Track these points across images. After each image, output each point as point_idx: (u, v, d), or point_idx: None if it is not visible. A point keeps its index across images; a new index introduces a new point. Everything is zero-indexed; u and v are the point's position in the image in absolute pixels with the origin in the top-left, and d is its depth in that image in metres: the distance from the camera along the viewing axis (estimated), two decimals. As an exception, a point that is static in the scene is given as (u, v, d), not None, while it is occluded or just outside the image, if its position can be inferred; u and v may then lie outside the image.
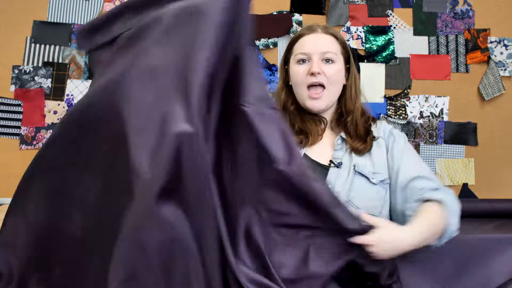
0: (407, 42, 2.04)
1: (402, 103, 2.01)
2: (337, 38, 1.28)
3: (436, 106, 2.01)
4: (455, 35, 2.04)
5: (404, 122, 2.00)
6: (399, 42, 2.03)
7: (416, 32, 2.04)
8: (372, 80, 2.00)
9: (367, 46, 2.02)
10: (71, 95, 1.95)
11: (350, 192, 1.13)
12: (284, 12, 2.02)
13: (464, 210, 1.07)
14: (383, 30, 2.03)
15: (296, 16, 2.02)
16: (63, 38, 1.96)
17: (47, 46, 1.95)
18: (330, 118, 1.28)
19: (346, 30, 2.02)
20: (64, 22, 1.97)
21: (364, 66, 2.01)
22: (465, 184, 1.98)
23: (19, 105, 1.93)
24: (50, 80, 1.94)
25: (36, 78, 1.94)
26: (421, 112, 2.01)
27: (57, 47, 1.96)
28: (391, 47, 2.03)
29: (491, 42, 2.02)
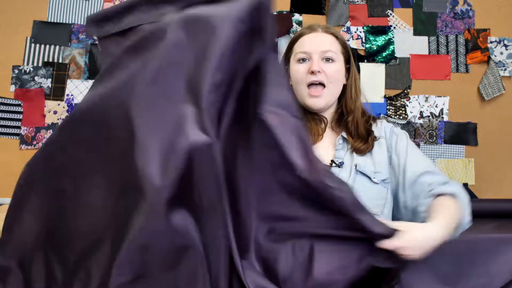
0: (407, 42, 2.04)
1: (402, 103, 2.01)
2: (337, 37, 1.28)
3: (436, 106, 2.01)
4: (455, 35, 2.04)
5: (404, 122, 2.00)
6: (399, 42, 2.03)
7: (416, 32, 2.04)
8: (372, 80, 2.00)
9: (367, 46, 2.02)
10: (71, 95, 1.95)
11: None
12: (284, 12, 2.02)
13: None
14: (383, 30, 2.03)
15: (296, 16, 2.02)
16: (63, 38, 1.96)
17: (47, 46, 1.95)
18: (330, 118, 1.28)
19: (346, 30, 2.02)
20: (64, 22, 1.97)
21: (364, 66, 2.01)
22: (465, 184, 1.98)
23: (19, 105, 1.93)
24: (50, 80, 1.94)
25: (36, 78, 1.94)
26: (421, 112, 2.01)
27: (57, 47, 1.96)
28: (391, 47, 2.03)
29: (491, 42, 2.02)
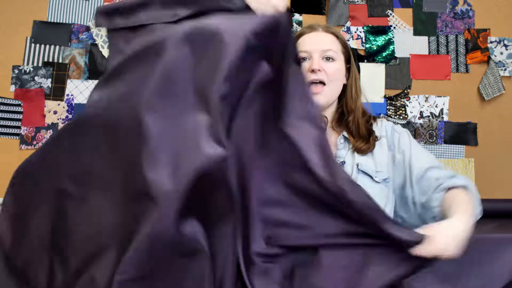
0: (407, 42, 2.04)
1: (402, 103, 2.01)
2: (338, 37, 1.28)
3: (436, 106, 2.01)
4: (455, 35, 2.04)
5: (404, 122, 2.00)
6: (399, 42, 2.03)
7: (416, 32, 2.04)
8: (372, 80, 2.00)
9: (367, 46, 2.02)
10: (71, 95, 1.95)
11: None
12: (284, 12, 2.02)
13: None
14: (383, 30, 2.03)
15: (296, 16, 2.01)
16: (63, 38, 1.96)
17: (47, 46, 1.95)
18: (330, 117, 1.28)
19: (346, 30, 2.02)
20: (64, 22, 1.96)
21: (364, 66, 2.01)
22: (465, 184, 1.98)
23: (19, 105, 1.93)
24: (50, 80, 1.94)
25: (36, 78, 1.94)
26: (421, 112, 2.01)
27: (57, 47, 1.96)
28: (391, 47, 2.03)
29: (491, 42, 2.02)
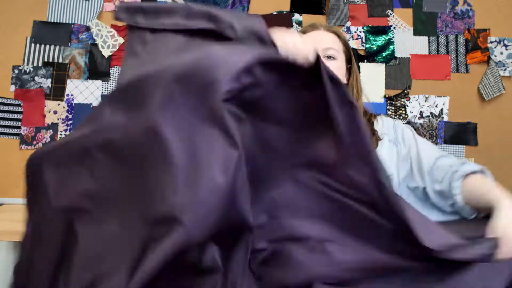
0: (407, 42, 2.04)
1: (402, 103, 2.01)
2: (339, 36, 1.29)
3: (436, 106, 2.01)
4: (455, 35, 2.04)
5: (404, 122, 2.00)
6: (399, 42, 2.03)
7: (416, 32, 2.04)
8: (372, 80, 2.00)
9: (367, 46, 2.02)
10: (71, 95, 1.95)
11: None
12: (284, 12, 2.02)
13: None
14: (383, 30, 2.03)
15: (296, 16, 2.02)
16: (63, 38, 1.96)
17: (47, 46, 1.95)
18: None
19: (346, 30, 2.02)
20: (64, 22, 1.97)
21: (364, 66, 2.01)
22: (465, 184, 1.98)
23: (19, 105, 1.93)
24: (50, 80, 1.94)
25: (36, 78, 1.94)
26: (421, 112, 2.01)
27: (57, 47, 1.96)
28: (391, 47, 2.03)
29: (491, 42, 2.02)
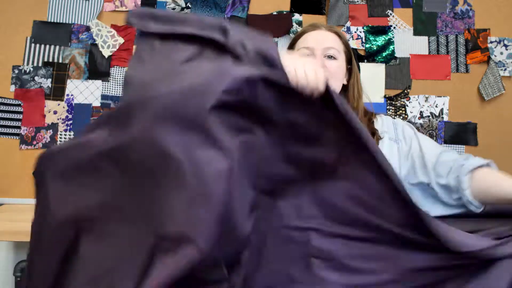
0: (407, 42, 2.04)
1: (402, 103, 2.01)
2: (340, 37, 1.29)
3: (436, 106, 2.01)
4: (455, 35, 2.04)
5: (404, 122, 2.00)
6: (399, 42, 2.03)
7: (416, 32, 2.04)
8: (372, 80, 2.00)
9: (367, 46, 2.02)
10: (71, 95, 1.95)
11: None
12: (284, 12, 2.02)
13: (463, 211, 1.09)
14: (383, 30, 2.03)
15: (296, 16, 2.01)
16: (63, 38, 1.96)
17: (47, 46, 1.95)
18: None
19: (346, 30, 2.02)
20: (64, 22, 1.96)
21: (364, 66, 2.01)
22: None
23: (19, 105, 1.93)
24: (50, 80, 1.94)
25: (36, 78, 1.94)
26: (421, 112, 2.01)
27: (57, 47, 1.96)
28: (391, 47, 2.03)
29: (491, 42, 2.02)
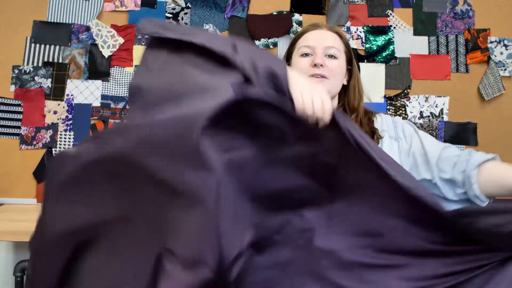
0: (407, 42, 2.04)
1: (402, 103, 2.01)
2: (341, 37, 1.30)
3: (436, 106, 2.01)
4: (455, 35, 2.04)
5: (404, 122, 2.00)
6: (399, 42, 2.03)
7: (416, 32, 2.04)
8: (372, 80, 2.00)
9: (367, 46, 2.02)
10: (71, 95, 1.95)
11: None
12: (284, 12, 2.02)
13: (463, 210, 1.09)
14: (383, 30, 2.03)
15: (296, 16, 2.02)
16: (63, 38, 1.96)
17: (47, 46, 1.95)
18: None
19: (346, 30, 2.02)
20: (64, 22, 1.96)
21: (364, 66, 2.01)
22: (465, 184, 1.98)
23: (19, 105, 1.93)
24: (50, 80, 1.94)
25: (36, 78, 1.94)
26: (421, 112, 2.01)
27: (57, 47, 1.96)
28: (391, 47, 2.03)
29: (491, 42, 2.02)
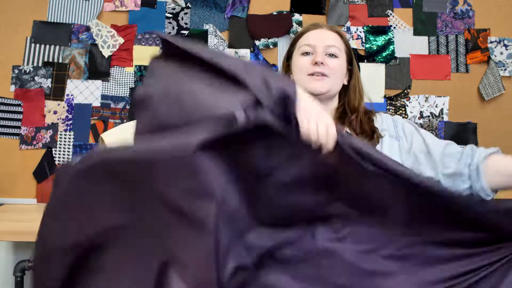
0: (407, 42, 2.04)
1: (402, 103, 2.01)
2: (342, 37, 1.31)
3: (436, 106, 2.01)
4: (455, 35, 2.04)
5: (404, 122, 2.00)
6: (399, 42, 2.03)
7: (416, 32, 2.04)
8: (372, 80, 2.00)
9: (367, 46, 2.02)
10: (71, 95, 1.95)
11: None
12: (284, 12, 2.02)
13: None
14: (383, 30, 2.03)
15: (296, 16, 2.02)
16: (63, 38, 1.96)
17: (47, 46, 1.95)
18: (332, 114, 1.28)
19: (346, 30, 2.02)
20: (64, 22, 1.96)
21: (364, 66, 2.01)
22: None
23: (19, 105, 1.93)
24: (50, 80, 1.94)
25: (36, 78, 1.94)
26: (421, 112, 2.01)
27: (57, 47, 1.96)
28: (391, 47, 2.03)
29: (491, 42, 2.02)
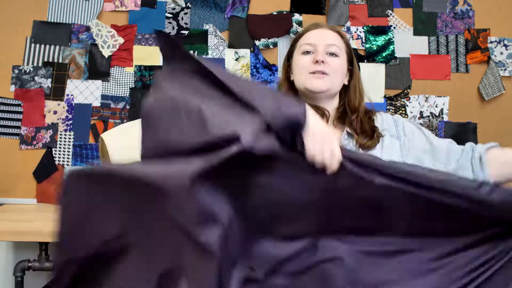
0: (407, 42, 2.04)
1: (402, 103, 2.01)
2: (342, 37, 1.31)
3: (436, 106, 2.01)
4: (455, 35, 2.04)
5: (404, 122, 2.00)
6: (399, 42, 2.03)
7: (416, 32, 2.04)
8: (372, 80, 2.00)
9: (367, 46, 2.02)
10: (71, 95, 1.95)
11: None
12: (284, 12, 2.02)
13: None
14: (383, 30, 2.03)
15: (296, 16, 2.02)
16: (63, 38, 1.96)
17: (47, 46, 1.95)
18: (332, 113, 1.28)
19: (346, 30, 2.02)
20: (64, 22, 1.96)
21: (364, 66, 2.01)
22: (465, 184, 1.98)
23: (19, 105, 1.93)
24: (50, 80, 1.94)
25: (36, 78, 1.94)
26: (421, 112, 2.01)
27: (57, 47, 1.96)
28: (391, 47, 2.03)
29: (491, 42, 2.02)
